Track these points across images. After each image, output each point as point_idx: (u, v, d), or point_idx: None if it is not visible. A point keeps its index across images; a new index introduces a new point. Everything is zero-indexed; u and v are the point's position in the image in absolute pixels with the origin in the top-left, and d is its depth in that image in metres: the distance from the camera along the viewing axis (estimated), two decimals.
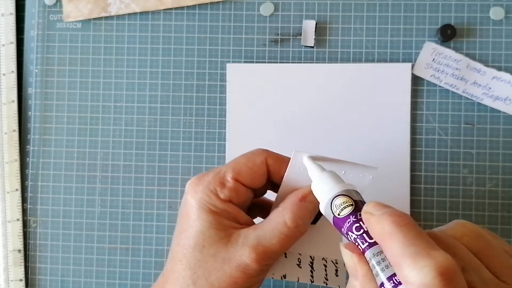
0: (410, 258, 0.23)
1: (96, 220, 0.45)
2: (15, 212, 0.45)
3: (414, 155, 0.43)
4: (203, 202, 0.31)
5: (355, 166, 0.31)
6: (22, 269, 0.45)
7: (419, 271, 0.23)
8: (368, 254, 0.25)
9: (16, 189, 0.45)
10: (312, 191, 0.30)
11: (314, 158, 0.30)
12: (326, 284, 0.33)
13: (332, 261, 0.34)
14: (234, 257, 0.30)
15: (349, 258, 0.26)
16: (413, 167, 0.43)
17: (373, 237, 0.26)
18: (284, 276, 0.33)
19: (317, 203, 0.30)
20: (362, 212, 0.26)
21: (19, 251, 0.45)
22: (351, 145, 0.43)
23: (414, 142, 0.43)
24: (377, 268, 0.25)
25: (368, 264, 0.25)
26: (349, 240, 0.27)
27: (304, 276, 0.33)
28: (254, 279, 0.31)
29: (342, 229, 0.27)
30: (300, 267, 0.34)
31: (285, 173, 0.31)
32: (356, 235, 0.26)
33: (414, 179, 0.43)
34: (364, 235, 0.26)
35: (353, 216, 0.27)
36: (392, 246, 0.24)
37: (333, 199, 0.28)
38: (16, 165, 0.45)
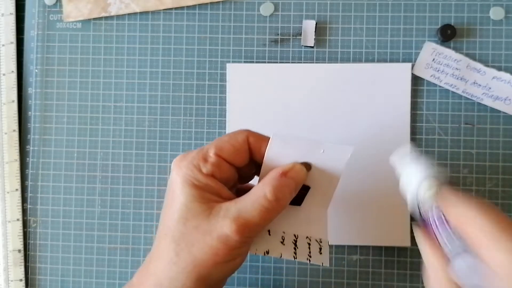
0: (494, 239, 0.24)
1: (96, 220, 0.45)
2: (15, 212, 0.45)
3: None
4: (187, 177, 0.32)
5: (332, 147, 0.33)
6: (22, 269, 0.45)
7: (504, 251, 0.23)
8: (444, 234, 0.26)
9: (16, 189, 0.45)
10: (293, 167, 0.32)
11: (291, 139, 0.32)
12: (309, 261, 0.34)
13: (316, 240, 0.35)
14: (215, 229, 0.31)
15: (424, 248, 0.27)
16: None
17: (455, 220, 0.26)
18: (267, 252, 0.34)
19: (297, 179, 0.32)
20: (442, 197, 0.27)
21: (19, 251, 0.45)
22: (351, 145, 0.43)
23: (414, 142, 0.43)
24: (458, 249, 0.25)
25: (443, 254, 0.26)
26: (431, 226, 0.28)
27: (287, 252, 0.34)
28: (235, 251, 0.31)
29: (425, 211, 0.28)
30: (284, 244, 0.34)
31: (266, 153, 0.33)
32: (438, 218, 0.27)
33: None
34: (446, 218, 0.27)
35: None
36: (475, 228, 0.25)
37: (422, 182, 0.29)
38: (16, 165, 0.46)
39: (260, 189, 0.32)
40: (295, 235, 0.35)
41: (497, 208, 0.26)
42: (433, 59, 0.43)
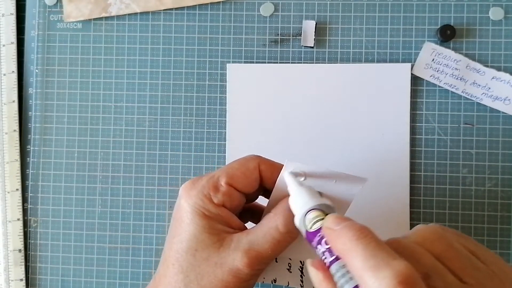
0: (371, 270, 0.23)
1: (97, 220, 0.45)
2: (15, 212, 0.45)
3: (413, 155, 0.43)
4: (197, 207, 0.31)
5: (346, 176, 0.31)
6: (23, 268, 0.45)
7: (380, 282, 0.23)
8: (333, 268, 0.26)
9: (17, 189, 0.46)
10: None
11: (305, 170, 0.31)
12: None
13: None
14: (226, 261, 0.30)
15: (314, 275, 0.27)
16: (413, 167, 0.43)
17: (335, 251, 0.26)
18: (275, 280, 0.34)
19: None
20: (323, 228, 0.27)
21: (20, 250, 0.45)
22: (351, 145, 0.43)
23: (413, 142, 0.43)
24: (342, 281, 0.25)
25: (333, 281, 0.26)
26: (318, 254, 0.27)
27: (294, 280, 0.34)
28: (246, 283, 0.31)
29: (313, 243, 0.28)
30: (291, 272, 0.34)
31: (277, 180, 0.32)
32: (324, 248, 0.27)
33: (413, 179, 0.43)
34: (331, 248, 0.26)
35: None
36: (353, 260, 0.25)
37: (307, 213, 0.28)
38: (17, 165, 0.46)
39: (272, 221, 0.31)
40: (301, 262, 0.34)
41: (373, 234, 0.26)
42: (433, 59, 0.43)
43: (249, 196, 0.34)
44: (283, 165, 0.31)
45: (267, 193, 0.34)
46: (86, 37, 0.46)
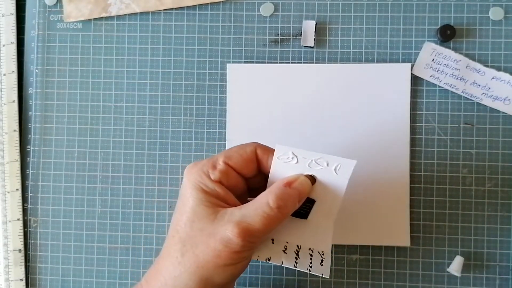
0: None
1: (97, 220, 0.45)
2: (15, 212, 0.45)
3: (413, 155, 0.43)
4: (196, 182, 0.34)
5: (336, 159, 0.34)
6: (23, 268, 0.45)
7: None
8: None
9: (17, 189, 0.46)
10: (297, 178, 0.34)
11: (295, 152, 0.34)
12: (310, 271, 0.35)
13: (318, 252, 0.35)
14: (218, 232, 0.32)
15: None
16: (413, 167, 0.43)
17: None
18: (269, 259, 0.35)
19: (302, 190, 0.33)
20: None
21: (20, 250, 0.45)
22: (351, 145, 0.43)
23: (413, 142, 0.43)
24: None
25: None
26: None
27: (288, 261, 0.35)
28: (237, 255, 0.32)
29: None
30: (286, 253, 0.35)
31: (272, 162, 0.34)
32: None
33: (413, 179, 0.43)
34: None
35: None
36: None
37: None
38: (17, 165, 0.46)
39: (264, 197, 0.33)
40: (298, 246, 0.36)
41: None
42: (433, 59, 0.43)
43: (251, 182, 0.36)
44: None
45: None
46: (86, 37, 0.46)
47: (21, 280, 0.45)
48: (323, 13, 0.44)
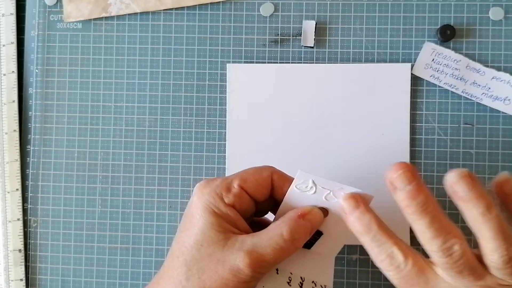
0: None
1: (97, 220, 0.45)
2: (15, 212, 0.45)
3: (413, 155, 0.43)
4: (208, 204, 0.32)
5: (357, 191, 0.33)
6: (23, 268, 0.45)
7: None
8: None
9: (17, 189, 0.46)
10: (311, 211, 0.33)
11: (315, 181, 0.33)
12: None
13: (321, 285, 0.35)
14: (228, 260, 0.31)
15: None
16: None
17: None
18: None
19: (314, 223, 0.32)
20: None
21: (20, 250, 0.45)
22: (351, 146, 0.43)
23: (413, 142, 0.43)
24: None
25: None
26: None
27: None
28: (244, 285, 0.31)
29: None
30: (290, 285, 0.35)
31: (288, 190, 0.33)
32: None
33: None
34: None
35: None
36: None
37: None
38: (17, 165, 0.46)
39: (278, 228, 0.32)
40: (301, 278, 0.35)
41: None
42: (433, 59, 0.43)
43: (259, 206, 0.35)
44: (293, 178, 0.33)
45: (277, 208, 0.35)
46: (86, 37, 0.46)
47: (21, 280, 0.45)
48: (323, 13, 0.44)
